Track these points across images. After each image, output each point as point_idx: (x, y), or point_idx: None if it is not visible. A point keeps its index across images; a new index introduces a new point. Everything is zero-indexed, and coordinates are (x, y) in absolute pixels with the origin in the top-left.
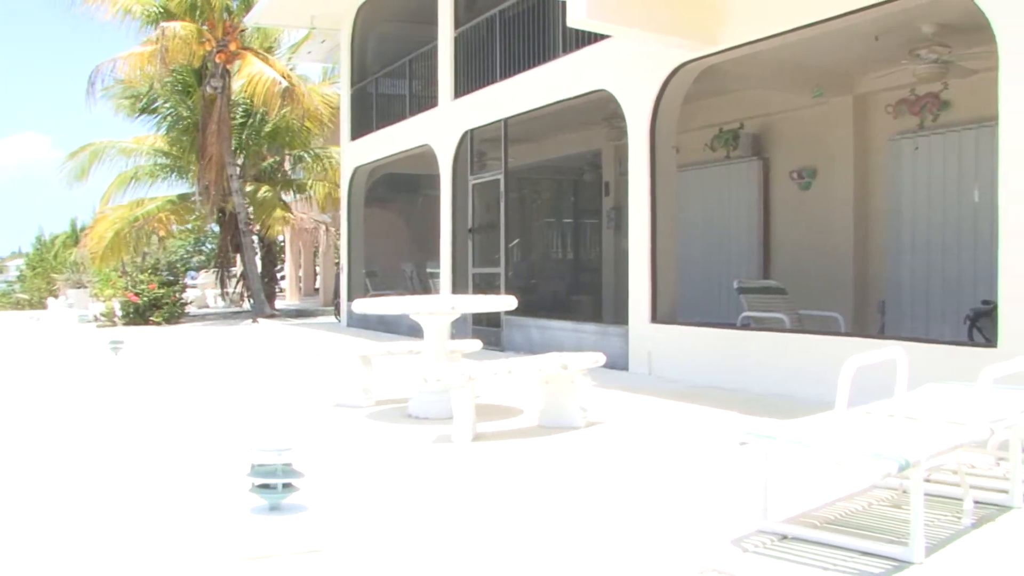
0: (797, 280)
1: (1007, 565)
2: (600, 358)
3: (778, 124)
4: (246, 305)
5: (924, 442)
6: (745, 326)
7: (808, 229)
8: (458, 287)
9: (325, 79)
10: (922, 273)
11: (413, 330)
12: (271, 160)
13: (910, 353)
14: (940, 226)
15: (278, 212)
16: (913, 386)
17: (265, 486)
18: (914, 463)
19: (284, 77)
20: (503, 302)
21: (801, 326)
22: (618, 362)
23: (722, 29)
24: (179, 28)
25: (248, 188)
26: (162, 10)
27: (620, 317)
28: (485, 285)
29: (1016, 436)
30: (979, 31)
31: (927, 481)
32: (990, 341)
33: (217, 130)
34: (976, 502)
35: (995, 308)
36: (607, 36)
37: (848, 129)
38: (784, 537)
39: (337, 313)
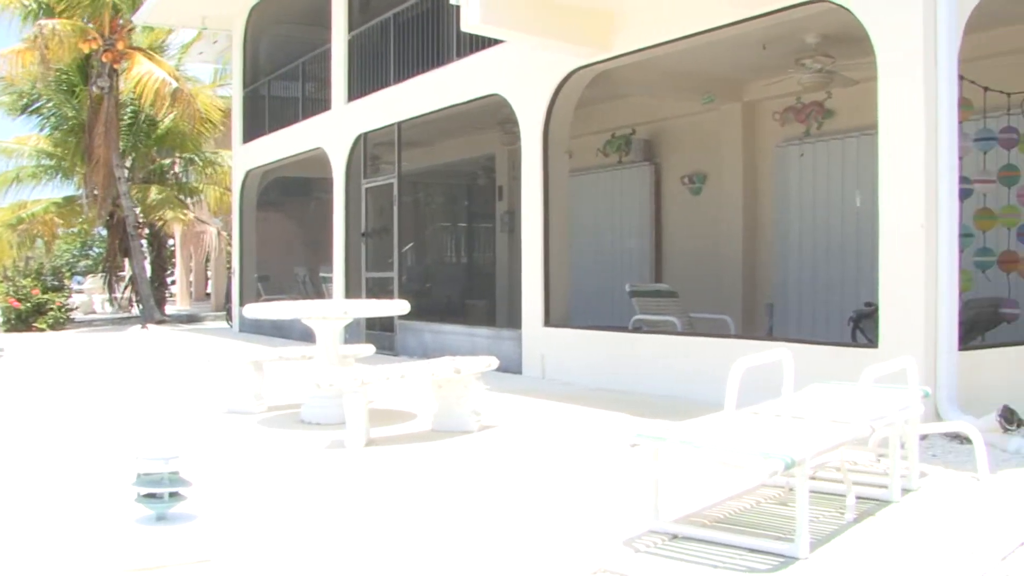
0: (688, 283)
1: (885, 557)
2: (493, 362)
3: (669, 130)
4: (135, 310)
5: (809, 441)
6: (637, 329)
7: (699, 233)
8: (351, 292)
9: (216, 80)
10: (808, 276)
11: (306, 335)
12: (161, 163)
13: (796, 354)
14: (825, 230)
15: (172, 213)
16: (800, 386)
17: (151, 495)
18: (799, 461)
19: (174, 78)
20: (396, 306)
21: (692, 329)
22: (512, 366)
23: (614, 36)
24: (58, 25)
25: (137, 192)
26: (43, 5)
27: (514, 321)
28: (378, 290)
29: (895, 433)
30: (860, 42)
31: (812, 479)
32: (872, 342)
33: (104, 131)
34: (858, 498)
35: (876, 310)
36: (501, 41)
37: (737, 135)
38: (675, 536)
39: (229, 318)
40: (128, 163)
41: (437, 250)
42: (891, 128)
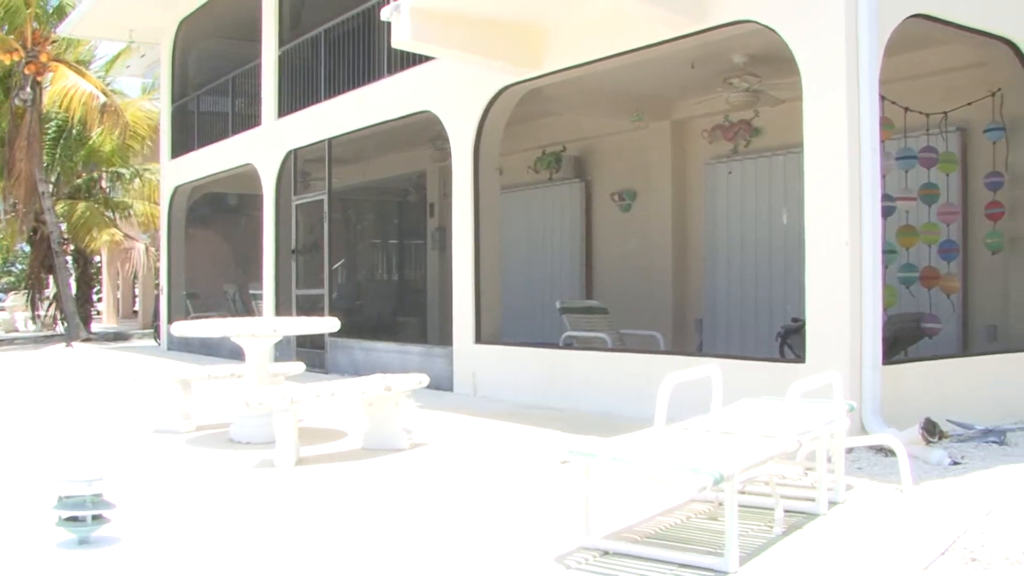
0: (619, 300)
1: (813, 569)
2: (424, 379)
3: (600, 147)
4: (60, 328)
5: (737, 456)
6: (568, 346)
7: (629, 250)
8: (281, 309)
9: (144, 94)
10: (737, 292)
11: (235, 353)
12: (86, 177)
13: (726, 369)
14: (753, 247)
15: (103, 232)
16: (729, 401)
17: (73, 519)
18: (728, 476)
19: (101, 91)
20: (326, 324)
21: (622, 345)
22: (443, 383)
23: (545, 53)
24: None
25: (62, 207)
26: None
27: (445, 338)
28: (309, 307)
29: (821, 447)
30: (786, 63)
31: (742, 493)
32: (799, 357)
33: (27, 145)
34: (786, 511)
35: (803, 325)
36: (432, 58)
37: (666, 153)
38: (606, 553)
39: (157, 336)
40: (53, 178)
41: (368, 267)
42: (816, 147)
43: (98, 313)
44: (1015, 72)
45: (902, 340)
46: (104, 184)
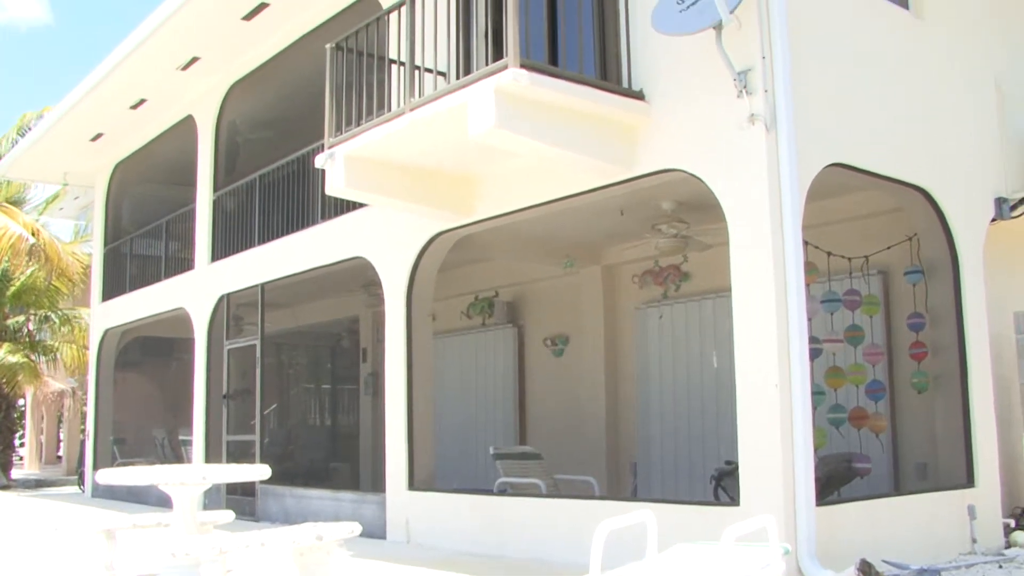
0: (553, 444)
1: None
2: (356, 528)
3: (532, 292)
4: None
5: None
6: (502, 492)
7: (562, 395)
8: (212, 455)
9: (77, 237)
10: (671, 435)
11: (163, 500)
12: (14, 320)
13: (660, 514)
14: (685, 390)
15: (29, 376)
16: (665, 546)
17: None
18: None
19: (32, 233)
20: (257, 471)
21: (557, 491)
22: (376, 531)
23: (476, 200)
24: None
25: None
26: None
27: (378, 484)
28: (240, 453)
29: None
30: (712, 209)
31: None
32: (734, 500)
33: None
34: None
35: (737, 468)
36: (366, 204)
37: (598, 298)
38: None
39: (81, 483)
40: None
41: (301, 412)
42: (743, 291)
43: (20, 459)
44: (929, 218)
45: (835, 481)
46: (31, 327)
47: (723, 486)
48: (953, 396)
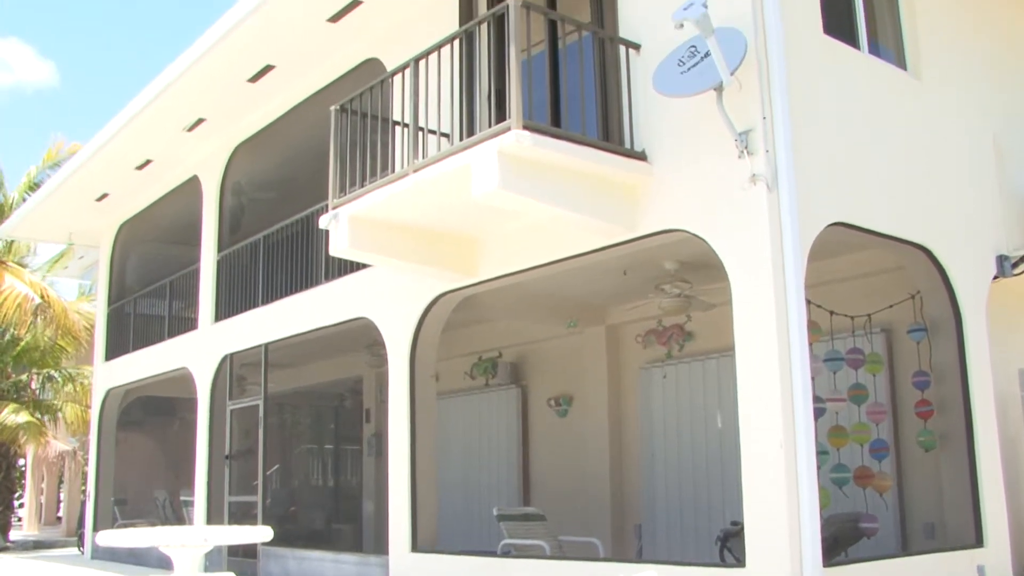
0: (556, 506)
1: None
2: None
3: (535, 353)
4: None
5: None
6: (506, 554)
7: (566, 455)
8: (213, 516)
9: (81, 295)
10: (675, 496)
11: (164, 562)
12: (16, 379)
13: None
14: (690, 450)
15: (30, 435)
16: None
17: None
18: None
19: (38, 293)
20: (258, 533)
21: (561, 553)
22: None
23: (479, 261)
24: None
25: None
26: None
27: (381, 546)
28: (242, 514)
29: None
30: (715, 268)
31: None
32: (740, 561)
33: None
34: None
35: (743, 528)
36: (369, 265)
37: (602, 358)
38: None
39: (81, 544)
40: None
41: (303, 473)
42: (747, 351)
43: (19, 520)
44: (931, 275)
45: (842, 541)
46: (34, 386)
47: (729, 547)
48: (960, 454)
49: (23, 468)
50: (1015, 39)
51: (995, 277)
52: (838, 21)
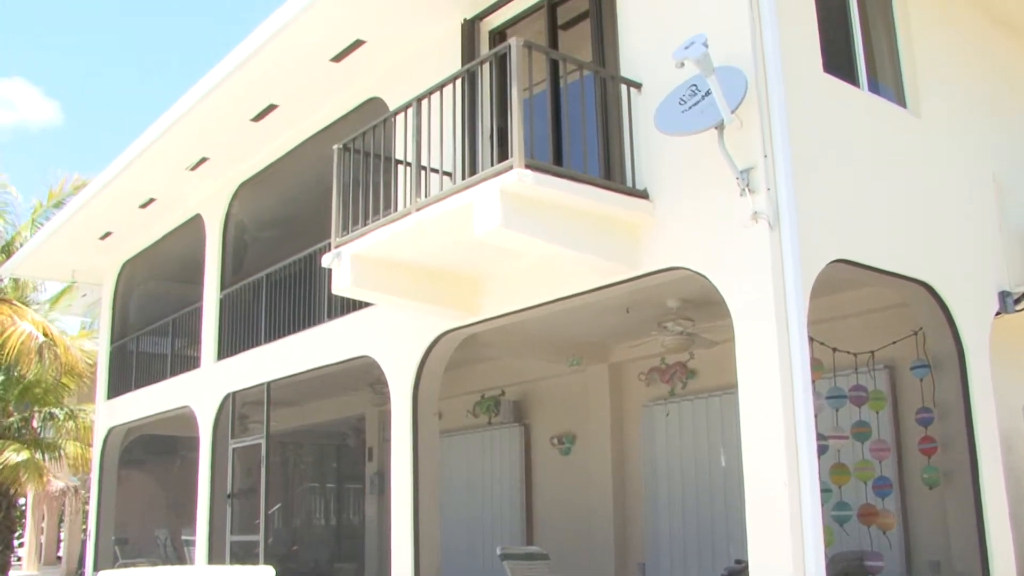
0: (560, 544)
1: None
2: None
3: (538, 391)
4: None
5: None
6: None
7: (569, 493)
8: (215, 555)
9: (83, 331)
10: (679, 534)
11: None
12: (18, 417)
13: None
14: (694, 488)
15: (32, 474)
16: None
17: None
18: None
19: (42, 331)
20: (260, 572)
21: None
22: None
23: (482, 300)
24: None
25: None
26: None
27: None
28: (244, 553)
29: None
30: (718, 306)
31: None
32: None
33: None
34: None
35: (747, 567)
36: (372, 304)
37: (605, 396)
38: None
39: None
40: None
41: (306, 512)
42: (750, 389)
43: (18, 559)
44: (934, 312)
45: None
46: (36, 424)
47: None
48: (965, 491)
49: (23, 507)
50: (1013, 76)
51: (997, 313)
52: (838, 59)
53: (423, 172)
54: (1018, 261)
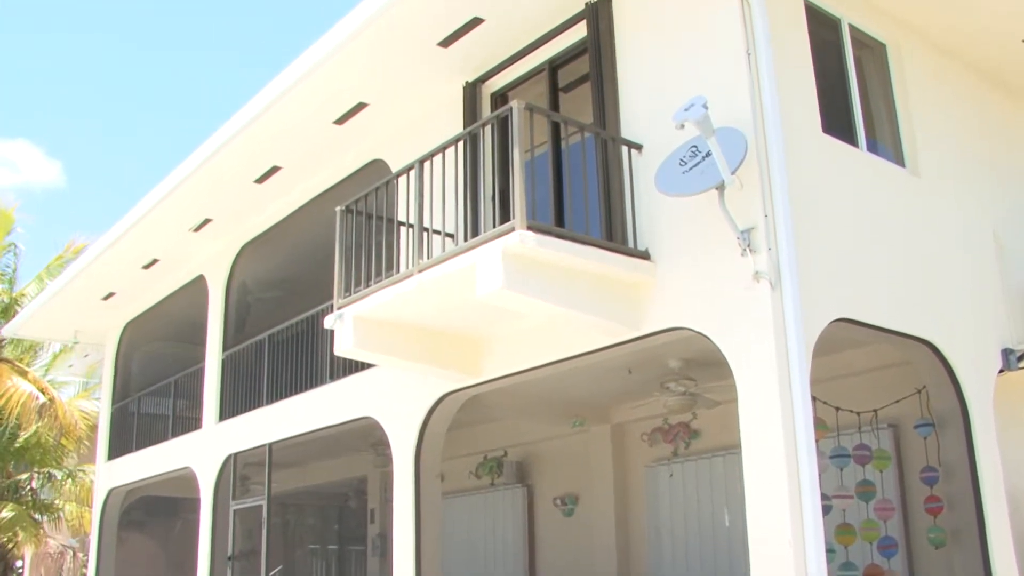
0: None
1: None
2: None
3: (541, 452)
4: None
5: None
6: None
7: (573, 555)
8: None
9: (83, 390)
10: None
11: None
12: (16, 478)
13: None
14: (698, 548)
15: (30, 536)
16: None
17: None
18: None
19: (41, 391)
20: None
21: None
22: None
23: (484, 361)
24: None
25: None
26: None
27: None
28: None
29: None
30: (720, 366)
31: None
32: None
33: None
34: None
35: None
36: (374, 365)
37: (607, 457)
38: None
39: None
40: None
41: (307, 574)
42: (753, 449)
43: None
44: (937, 370)
45: None
46: (35, 485)
47: None
48: (972, 551)
49: (20, 569)
50: (1011, 135)
51: (1000, 371)
52: (836, 120)
53: (425, 233)
54: (1020, 318)
